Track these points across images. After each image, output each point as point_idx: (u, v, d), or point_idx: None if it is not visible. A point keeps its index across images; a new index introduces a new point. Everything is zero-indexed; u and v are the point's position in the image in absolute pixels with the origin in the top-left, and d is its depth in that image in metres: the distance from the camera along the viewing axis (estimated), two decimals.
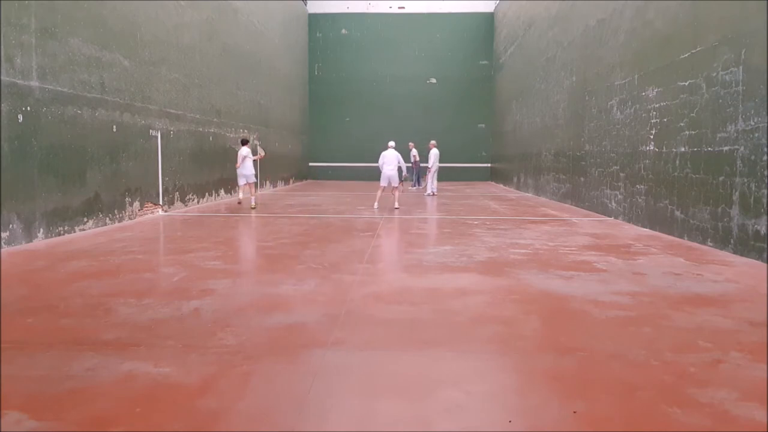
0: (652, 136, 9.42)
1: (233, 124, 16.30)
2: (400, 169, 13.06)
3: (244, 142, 13.33)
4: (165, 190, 11.89)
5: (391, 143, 13.52)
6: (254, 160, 13.49)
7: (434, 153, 17.53)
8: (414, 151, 22.07)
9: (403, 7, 28.77)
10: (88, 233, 8.72)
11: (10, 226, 7.32)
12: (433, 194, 17.65)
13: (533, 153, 18.58)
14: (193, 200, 13.50)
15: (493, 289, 5.24)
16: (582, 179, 13.24)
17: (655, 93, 9.34)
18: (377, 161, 13.20)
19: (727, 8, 7.39)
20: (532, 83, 18.80)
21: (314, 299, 4.80)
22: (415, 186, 21.82)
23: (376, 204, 13.13)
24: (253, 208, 12.72)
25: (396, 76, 28.68)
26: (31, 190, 7.75)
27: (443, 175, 21.78)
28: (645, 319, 4.24)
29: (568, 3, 14.61)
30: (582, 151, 13.24)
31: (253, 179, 13.24)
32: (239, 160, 13.02)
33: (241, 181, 13.20)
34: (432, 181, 17.91)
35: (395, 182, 12.89)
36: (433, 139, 18.89)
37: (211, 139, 14.50)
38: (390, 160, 12.84)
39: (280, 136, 22.39)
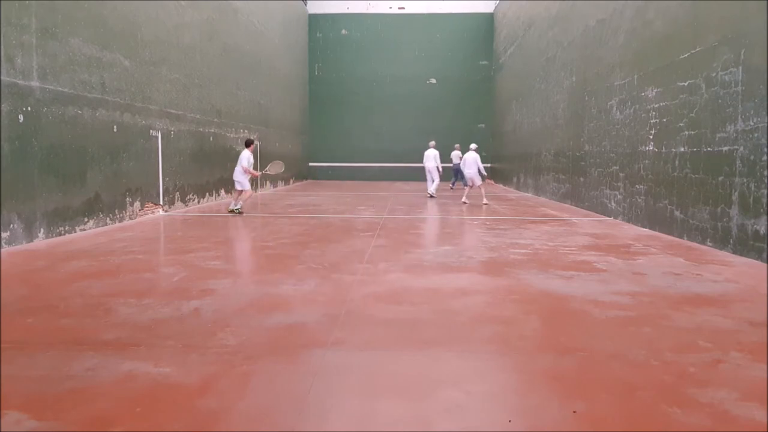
0: (651, 137, 9.42)
1: (233, 124, 16.30)
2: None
3: (248, 144, 12.07)
4: (165, 190, 11.88)
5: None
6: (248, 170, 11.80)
7: (436, 153, 17.47)
8: (457, 152, 21.97)
9: (403, 8, 28.77)
10: (89, 233, 8.72)
11: (11, 226, 7.32)
12: (431, 196, 17.51)
13: (533, 153, 18.58)
14: (194, 200, 13.50)
15: (493, 289, 5.25)
16: (582, 179, 13.24)
17: (654, 93, 9.34)
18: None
19: (727, 8, 7.39)
20: (532, 83, 18.80)
21: (314, 299, 4.80)
22: (453, 186, 21.80)
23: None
24: (233, 211, 11.78)
25: (396, 76, 28.68)
26: (32, 190, 7.75)
27: (443, 174, 21.72)
28: (645, 319, 4.24)
29: (568, 3, 14.60)
30: (582, 151, 13.24)
31: (245, 186, 11.91)
32: (244, 163, 11.71)
33: (237, 186, 11.97)
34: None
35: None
36: (432, 140, 18.91)
37: (211, 139, 14.51)
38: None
39: (280, 136, 22.39)
